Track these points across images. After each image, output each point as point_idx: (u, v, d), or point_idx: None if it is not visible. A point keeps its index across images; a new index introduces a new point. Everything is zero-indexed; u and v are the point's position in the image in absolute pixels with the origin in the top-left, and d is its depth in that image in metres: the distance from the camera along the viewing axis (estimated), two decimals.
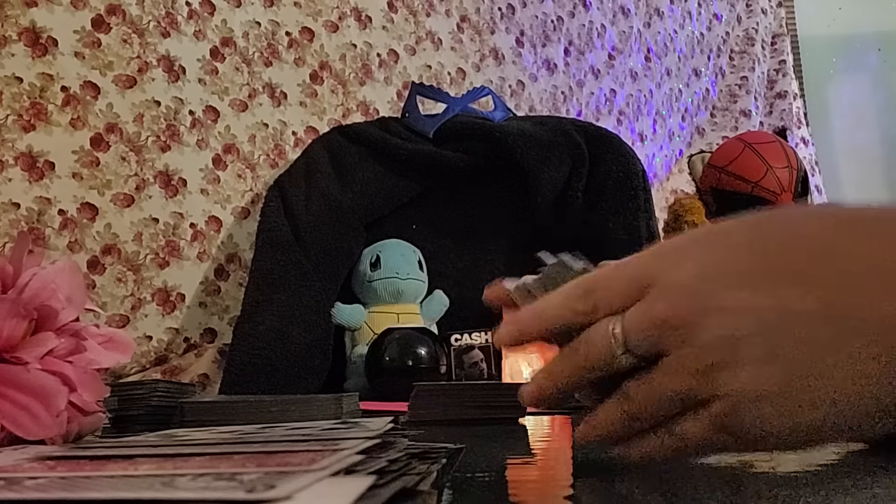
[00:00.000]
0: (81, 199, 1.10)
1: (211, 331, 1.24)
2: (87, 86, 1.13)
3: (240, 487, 0.21)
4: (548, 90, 1.98)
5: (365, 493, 0.22)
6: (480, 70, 1.79)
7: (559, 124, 1.36)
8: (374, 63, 1.56)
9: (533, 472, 0.39)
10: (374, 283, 1.22)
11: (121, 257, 1.14)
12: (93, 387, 0.49)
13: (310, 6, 1.46)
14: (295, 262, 1.16)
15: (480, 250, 1.36)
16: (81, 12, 1.13)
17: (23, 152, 1.06)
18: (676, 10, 2.58)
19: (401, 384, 0.77)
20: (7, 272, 0.48)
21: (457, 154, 1.32)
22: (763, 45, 2.93)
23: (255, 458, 0.28)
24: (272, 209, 1.21)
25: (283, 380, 1.07)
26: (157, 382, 0.67)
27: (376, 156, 1.30)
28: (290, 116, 1.40)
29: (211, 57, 1.29)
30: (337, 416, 0.60)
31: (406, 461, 0.29)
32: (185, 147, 1.23)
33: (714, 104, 2.76)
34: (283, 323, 1.11)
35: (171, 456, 0.30)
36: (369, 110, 1.54)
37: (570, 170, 1.31)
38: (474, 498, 0.30)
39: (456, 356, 1.15)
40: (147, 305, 1.16)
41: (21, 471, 0.28)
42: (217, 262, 1.26)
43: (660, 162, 2.41)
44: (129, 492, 0.22)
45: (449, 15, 1.74)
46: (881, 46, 3.52)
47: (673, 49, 2.54)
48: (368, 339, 1.15)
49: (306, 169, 1.27)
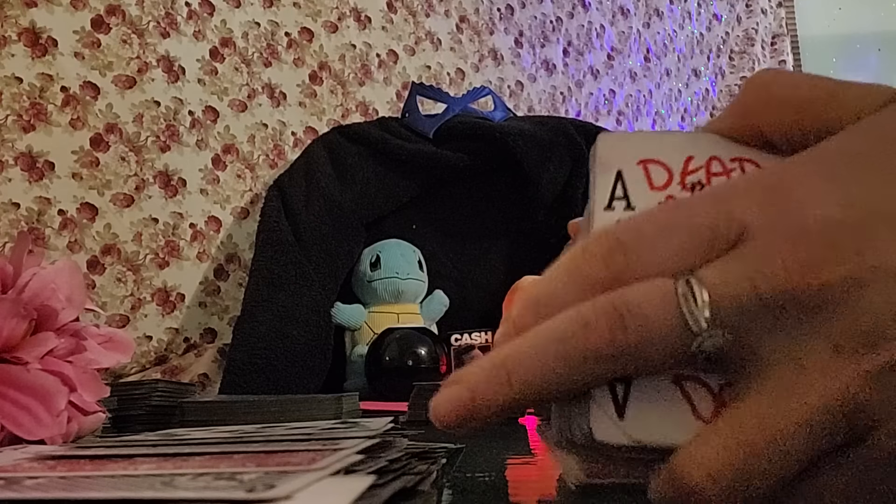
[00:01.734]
0: (81, 199, 1.10)
1: (211, 331, 1.24)
2: (87, 86, 1.13)
3: (240, 487, 0.21)
4: (547, 90, 1.98)
5: (365, 492, 0.22)
6: (479, 70, 1.79)
7: (559, 124, 1.36)
8: (374, 63, 1.56)
9: (533, 472, 0.39)
10: (374, 283, 1.22)
11: (121, 257, 1.14)
12: (93, 387, 0.49)
13: (309, 7, 1.46)
14: (295, 262, 1.16)
15: (480, 250, 1.36)
16: (81, 13, 1.13)
17: (23, 152, 1.06)
18: (676, 11, 2.58)
19: (401, 384, 0.77)
20: (7, 272, 0.48)
21: (457, 154, 1.32)
22: (763, 46, 2.93)
23: (255, 458, 0.28)
24: (272, 209, 1.21)
25: (283, 380, 1.07)
26: (157, 382, 0.67)
27: (376, 156, 1.30)
28: (290, 117, 1.40)
29: (210, 57, 1.29)
30: (337, 416, 0.60)
31: (406, 461, 0.29)
32: (185, 147, 1.23)
33: (714, 104, 2.76)
34: (283, 323, 1.11)
35: (171, 456, 0.30)
36: (369, 111, 1.54)
37: (570, 170, 1.31)
38: (474, 498, 0.30)
39: (456, 356, 1.14)
40: (147, 305, 1.16)
41: (21, 471, 0.28)
42: (217, 262, 1.26)
43: None
44: (129, 491, 0.22)
45: (448, 15, 1.74)
46: (881, 46, 3.52)
47: (672, 49, 2.54)
48: (368, 339, 1.15)
49: (306, 169, 1.27)
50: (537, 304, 0.21)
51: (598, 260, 0.20)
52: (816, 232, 0.18)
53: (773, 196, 0.19)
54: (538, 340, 0.20)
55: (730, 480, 0.18)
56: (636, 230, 0.20)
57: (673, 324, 0.18)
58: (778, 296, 0.18)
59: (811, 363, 0.18)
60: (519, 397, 0.20)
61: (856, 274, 0.17)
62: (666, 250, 0.20)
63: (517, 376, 0.20)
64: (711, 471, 0.18)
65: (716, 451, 0.18)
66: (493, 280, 1.32)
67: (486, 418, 0.20)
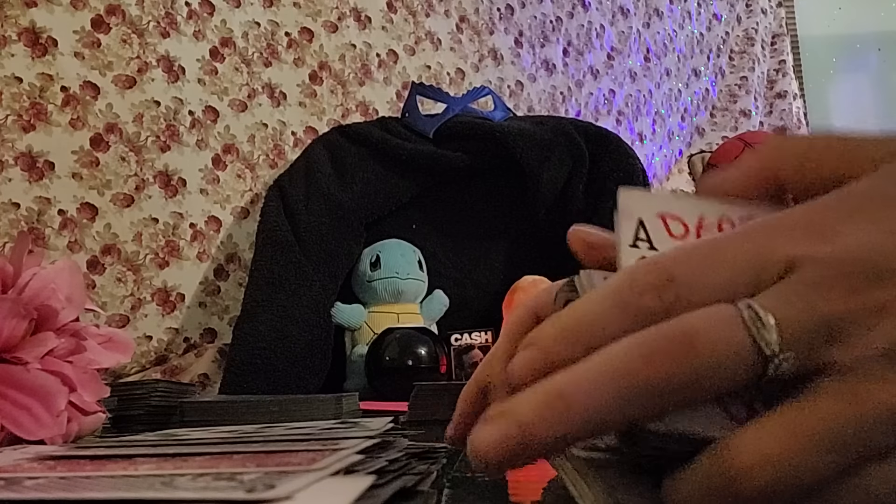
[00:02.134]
0: (81, 199, 1.10)
1: (211, 331, 1.24)
2: (87, 86, 1.13)
3: (240, 487, 0.21)
4: (547, 90, 1.98)
5: (365, 492, 0.22)
6: (479, 70, 1.79)
7: (559, 124, 1.36)
8: (374, 63, 1.56)
9: (533, 472, 0.39)
10: (374, 282, 1.22)
11: (121, 257, 1.14)
12: (93, 387, 0.49)
13: (309, 6, 1.46)
14: (295, 262, 1.16)
15: (480, 250, 1.36)
16: (81, 12, 1.13)
17: (23, 152, 1.06)
18: (676, 10, 2.58)
19: (401, 384, 0.77)
20: (7, 272, 0.48)
21: (457, 154, 1.32)
22: (763, 45, 2.93)
23: (255, 458, 0.28)
24: (272, 209, 1.21)
25: (283, 380, 1.07)
26: (157, 382, 0.67)
27: (376, 156, 1.30)
28: (290, 117, 1.40)
29: (210, 57, 1.29)
30: (337, 416, 0.60)
31: (406, 461, 0.29)
32: (185, 147, 1.23)
33: (714, 104, 2.76)
34: (283, 323, 1.11)
35: (171, 456, 0.30)
36: (369, 110, 1.54)
37: (570, 169, 1.31)
38: (474, 498, 0.30)
39: (456, 356, 1.14)
40: (147, 305, 1.16)
41: (21, 471, 0.28)
42: (217, 262, 1.26)
43: (659, 162, 2.41)
44: (129, 492, 0.22)
45: (448, 15, 1.74)
46: (881, 46, 3.52)
47: (672, 49, 2.54)
48: (368, 339, 1.15)
49: (306, 169, 1.27)
50: (577, 333, 0.20)
51: (649, 290, 0.20)
52: (864, 259, 0.19)
53: (817, 229, 0.20)
54: (597, 370, 0.19)
55: (783, 468, 0.18)
56: (685, 262, 0.20)
57: (744, 348, 0.19)
58: (836, 316, 0.19)
59: (869, 373, 0.18)
60: (576, 431, 0.19)
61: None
62: (715, 281, 0.20)
63: (576, 408, 0.19)
64: (766, 455, 0.18)
65: (774, 436, 0.18)
66: (493, 280, 1.32)
67: (536, 454, 0.19)
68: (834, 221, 0.20)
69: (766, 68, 2.96)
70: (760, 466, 0.18)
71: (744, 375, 0.19)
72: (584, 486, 0.25)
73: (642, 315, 0.20)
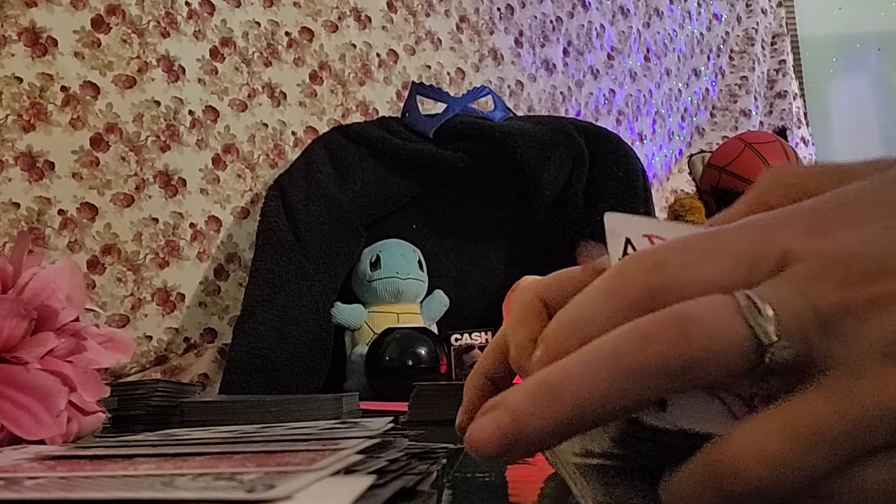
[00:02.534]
0: (81, 199, 1.10)
1: (211, 331, 1.24)
2: (87, 86, 1.13)
3: (240, 487, 0.21)
4: (547, 90, 1.98)
5: (365, 492, 0.22)
6: (479, 70, 1.79)
7: (559, 124, 1.36)
8: (374, 63, 1.56)
9: (533, 472, 0.39)
10: (374, 282, 1.22)
11: (121, 257, 1.14)
12: (93, 387, 0.49)
13: (309, 6, 1.46)
14: (295, 262, 1.16)
15: (480, 250, 1.36)
16: (81, 12, 1.13)
17: (23, 152, 1.06)
18: (676, 10, 2.58)
19: (401, 384, 0.77)
20: (7, 272, 0.48)
21: (457, 154, 1.32)
22: (763, 45, 2.93)
23: (255, 458, 0.28)
24: (272, 209, 1.21)
25: (283, 380, 1.07)
26: (157, 382, 0.67)
27: (376, 156, 1.30)
28: (290, 116, 1.40)
29: (210, 57, 1.29)
30: (337, 416, 0.60)
31: (406, 461, 0.29)
32: (185, 147, 1.23)
33: (714, 104, 2.76)
34: (283, 323, 1.11)
35: (171, 456, 0.30)
36: (369, 110, 1.54)
37: (570, 169, 1.31)
38: (474, 498, 0.30)
39: (456, 356, 1.14)
40: (147, 305, 1.16)
41: (21, 471, 0.28)
42: (217, 262, 1.26)
43: (659, 162, 2.41)
44: (129, 492, 0.22)
45: (448, 15, 1.74)
46: (881, 46, 3.52)
47: (672, 49, 2.54)
48: (368, 339, 1.15)
49: (306, 169, 1.27)
50: (572, 326, 0.20)
51: (638, 276, 0.20)
52: (860, 254, 0.19)
53: (813, 225, 0.20)
54: (588, 358, 0.19)
55: (779, 465, 0.18)
56: (678, 250, 0.20)
57: (740, 336, 0.18)
58: (832, 308, 0.19)
59: (863, 369, 0.18)
60: (568, 420, 0.19)
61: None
62: (708, 271, 0.20)
63: (567, 397, 0.19)
64: (760, 452, 0.18)
65: (769, 433, 0.18)
66: (493, 280, 1.32)
67: (531, 445, 0.19)
68: (830, 218, 0.21)
69: (766, 68, 2.96)
70: (754, 464, 0.18)
71: (739, 364, 0.19)
72: (585, 485, 0.25)
73: (630, 301, 0.20)
